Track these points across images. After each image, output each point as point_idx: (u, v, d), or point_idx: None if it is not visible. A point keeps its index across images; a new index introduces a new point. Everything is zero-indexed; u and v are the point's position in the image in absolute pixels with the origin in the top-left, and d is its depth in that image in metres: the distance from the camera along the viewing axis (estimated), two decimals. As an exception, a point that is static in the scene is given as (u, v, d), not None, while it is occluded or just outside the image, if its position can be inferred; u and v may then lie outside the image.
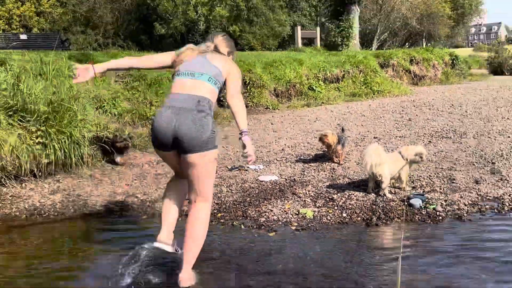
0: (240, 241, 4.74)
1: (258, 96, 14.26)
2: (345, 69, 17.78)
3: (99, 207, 5.89)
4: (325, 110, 13.73)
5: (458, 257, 4.13)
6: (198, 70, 3.93)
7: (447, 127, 9.96)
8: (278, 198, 5.92)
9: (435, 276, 3.77)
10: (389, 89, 18.04)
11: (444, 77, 23.53)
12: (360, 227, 4.98)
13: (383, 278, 3.80)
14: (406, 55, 22.48)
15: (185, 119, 3.65)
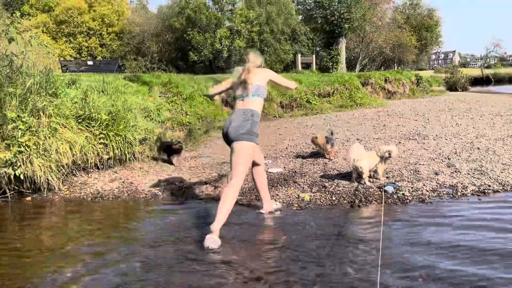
0: (254, 217, 4.74)
1: (268, 107, 14.24)
2: (334, 86, 17.67)
3: (146, 192, 5.91)
4: (319, 118, 13.65)
5: (420, 225, 4.11)
6: (254, 91, 4.40)
7: (413, 131, 9.85)
8: (283, 186, 5.90)
9: (404, 238, 3.75)
10: (369, 102, 17.89)
11: (411, 92, 23.30)
12: (346, 208, 4.95)
13: (364, 243, 3.77)
14: (381, 76, 22.29)
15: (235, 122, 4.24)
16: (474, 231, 4.01)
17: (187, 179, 6.45)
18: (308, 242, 3.93)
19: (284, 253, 3.72)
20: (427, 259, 3.45)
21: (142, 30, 33.99)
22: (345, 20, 25.39)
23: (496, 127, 9.86)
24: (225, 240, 4.01)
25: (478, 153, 7.16)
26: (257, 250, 3.86)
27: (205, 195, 5.65)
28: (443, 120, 11.65)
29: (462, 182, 5.60)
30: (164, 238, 4.15)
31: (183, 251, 3.82)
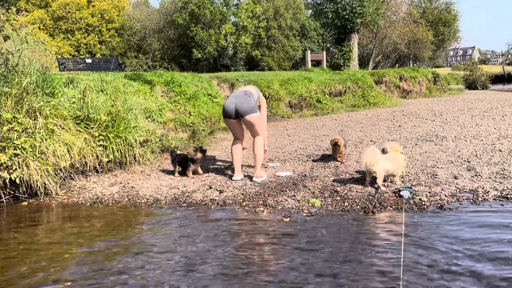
0: (262, 224, 4.72)
1: (276, 107, 14.24)
2: (346, 85, 17.64)
3: (148, 197, 5.91)
4: (330, 119, 13.62)
5: (439, 233, 4.06)
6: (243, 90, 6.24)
7: (430, 132, 9.79)
8: (292, 190, 5.88)
9: (423, 247, 3.71)
10: (383, 101, 17.85)
11: (428, 91, 23.19)
12: (359, 214, 4.91)
13: (379, 255, 3.74)
14: (396, 73, 22.24)
15: (239, 98, 6.04)
16: (497, 239, 3.97)
17: (190, 183, 6.45)
18: (319, 252, 3.90)
19: (294, 262, 3.69)
20: (448, 269, 3.41)
21: (143, 26, 34.15)
22: (357, 14, 25.31)
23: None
24: (232, 248, 4.01)
25: (500, 155, 7.09)
26: (266, 258, 3.84)
27: (210, 200, 5.64)
28: (462, 120, 11.57)
29: (483, 187, 5.54)
30: (166, 246, 4.16)
31: (187, 259, 3.82)
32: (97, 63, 22.71)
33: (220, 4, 34.19)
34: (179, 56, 35.44)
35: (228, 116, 6.16)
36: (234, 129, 6.34)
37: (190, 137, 9.27)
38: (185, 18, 32.30)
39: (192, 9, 31.71)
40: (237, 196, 5.72)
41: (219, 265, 3.70)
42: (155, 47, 34.03)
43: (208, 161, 7.81)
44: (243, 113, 6.00)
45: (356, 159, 7.44)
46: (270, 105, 14.16)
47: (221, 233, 4.53)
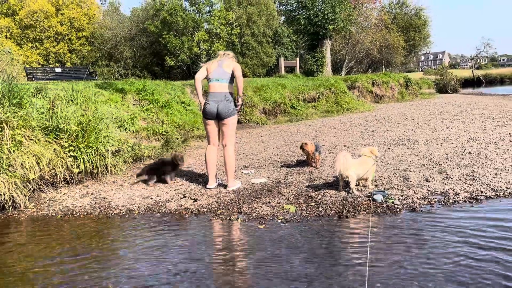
0: (237, 232, 4.72)
1: (250, 114, 14.28)
2: (320, 91, 17.83)
3: (120, 207, 5.84)
4: (305, 125, 13.74)
5: (411, 235, 4.14)
6: (220, 76, 6.18)
7: (403, 136, 9.99)
8: (267, 197, 5.90)
9: (394, 251, 3.78)
10: (356, 106, 18.09)
11: (400, 96, 23.62)
12: (333, 219, 4.97)
13: (353, 259, 3.79)
14: (368, 79, 22.59)
15: (222, 105, 6.11)
16: (468, 241, 4.07)
17: (164, 193, 6.41)
18: (294, 258, 3.93)
19: (269, 268, 3.71)
20: (419, 272, 3.48)
21: (115, 34, 33.78)
22: (329, 21, 25.66)
23: (488, 130, 10.05)
24: (206, 257, 4.00)
25: (469, 158, 7.28)
26: (240, 266, 3.85)
27: (184, 209, 5.61)
28: (433, 124, 11.84)
29: (454, 189, 5.68)
30: (140, 258, 4.12)
31: (161, 270, 3.79)
32: (67, 72, 22.37)
33: (193, 11, 34.12)
34: (152, 64, 35.17)
35: (209, 118, 6.25)
36: (212, 131, 6.36)
37: (163, 145, 9.21)
38: (157, 25, 32.10)
39: (164, 17, 31.54)
40: (211, 205, 5.71)
41: (193, 276, 3.69)
42: (127, 55, 33.69)
43: (182, 170, 7.77)
44: (224, 116, 6.17)
45: (330, 164, 7.53)
46: (244, 112, 14.21)
47: (195, 242, 4.52)
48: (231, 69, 6.25)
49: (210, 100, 6.19)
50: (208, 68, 6.33)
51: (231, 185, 6.41)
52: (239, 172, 7.43)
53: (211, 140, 6.46)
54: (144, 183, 6.91)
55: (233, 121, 6.30)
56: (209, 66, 6.34)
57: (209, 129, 6.40)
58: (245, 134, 12.26)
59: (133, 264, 3.98)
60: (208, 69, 6.32)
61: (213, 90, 6.20)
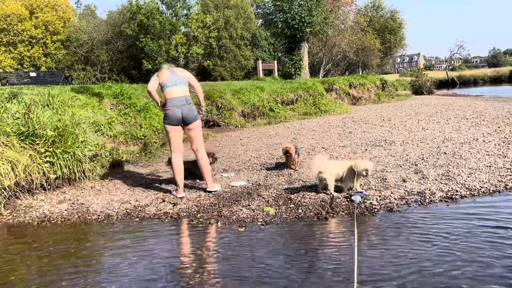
0: (216, 236, 4.72)
1: (229, 117, 14.28)
2: (298, 93, 17.94)
3: (98, 213, 5.77)
4: (283, 127, 13.81)
5: (388, 235, 4.21)
6: (176, 81, 6.05)
7: (380, 137, 10.13)
8: (247, 200, 5.91)
9: (373, 250, 3.84)
10: (334, 108, 18.26)
11: (377, 97, 23.96)
12: (312, 220, 5.01)
13: (332, 258, 3.84)
14: (346, 81, 22.84)
15: (185, 109, 6.00)
16: (443, 239, 4.16)
17: (143, 197, 6.36)
18: (273, 260, 3.96)
19: (249, 271, 3.73)
20: (397, 271, 3.55)
21: (91, 38, 33.39)
22: (306, 24, 25.88)
23: (462, 130, 10.28)
24: (187, 262, 4.00)
25: (445, 158, 7.43)
26: (220, 269, 3.85)
27: (163, 213, 5.59)
28: (410, 125, 12.04)
29: (430, 189, 5.79)
30: (119, 264, 4.09)
31: (140, 276, 3.77)
32: (43, 77, 22.03)
33: (170, 14, 33.97)
34: (129, 68, 34.88)
35: (174, 124, 6.03)
36: (177, 137, 6.15)
37: (141, 150, 9.14)
38: (134, 29, 31.86)
39: (140, 20, 31.32)
40: (191, 209, 5.69)
41: (170, 280, 3.68)
42: (104, 59, 33.33)
43: (161, 174, 7.73)
44: (190, 121, 6.08)
45: (309, 166, 7.59)
46: (223, 115, 14.20)
47: (175, 246, 4.51)
48: (185, 73, 6.25)
49: (172, 106, 5.97)
50: (160, 77, 6.09)
51: (211, 187, 6.39)
52: (218, 175, 7.43)
53: (177, 147, 6.21)
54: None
55: (199, 124, 6.27)
56: (160, 75, 6.10)
57: (174, 136, 6.14)
58: (224, 137, 12.26)
59: (112, 269, 3.94)
60: (160, 78, 6.09)
61: (172, 95, 6.00)
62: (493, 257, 3.68)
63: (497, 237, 4.10)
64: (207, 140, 11.55)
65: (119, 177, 7.59)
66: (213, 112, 13.91)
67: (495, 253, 3.74)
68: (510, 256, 3.67)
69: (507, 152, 7.54)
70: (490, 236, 4.15)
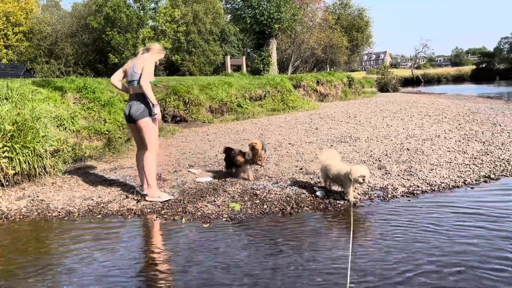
0: (180, 232, 4.67)
1: (196, 113, 14.17)
2: (266, 89, 17.97)
3: (59, 210, 5.61)
4: (251, 123, 13.80)
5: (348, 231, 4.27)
6: (131, 78, 5.65)
7: (345, 133, 10.26)
8: (212, 196, 5.87)
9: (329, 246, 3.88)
10: (301, 105, 18.38)
11: (344, 94, 24.26)
12: (277, 216, 5.02)
13: (296, 253, 3.85)
14: (313, 78, 23.03)
15: (133, 106, 5.62)
16: (404, 234, 4.24)
17: (106, 193, 6.23)
18: (237, 256, 3.94)
19: (213, 267, 3.70)
20: (360, 267, 3.59)
21: (55, 30, 32.51)
22: (275, 20, 25.93)
23: (425, 127, 10.52)
24: (149, 259, 3.94)
25: (407, 154, 7.59)
26: (183, 265, 3.81)
27: (127, 210, 5.49)
28: (374, 121, 12.24)
29: (393, 184, 5.90)
30: (80, 262, 3.98)
31: (100, 274, 3.69)
32: (3, 69, 21.31)
33: (137, 7, 33.41)
34: (95, 61, 34.17)
35: (127, 120, 5.89)
36: (134, 134, 6.03)
37: (105, 145, 8.95)
38: (100, 21, 31.19)
39: (107, 13, 30.67)
40: (155, 205, 5.61)
41: (135, 278, 3.62)
42: (68, 52, 32.52)
43: (126, 170, 7.60)
44: (134, 118, 5.65)
45: (275, 162, 7.61)
46: (190, 111, 14.08)
47: (138, 243, 4.44)
48: (141, 68, 5.62)
49: (127, 104, 5.83)
50: (126, 66, 5.85)
51: (150, 195, 5.83)
52: (184, 171, 7.36)
53: (136, 144, 6.13)
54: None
55: (144, 124, 5.65)
56: (126, 67, 5.83)
57: (132, 132, 6.11)
58: (191, 132, 12.15)
59: (73, 268, 3.84)
60: (125, 67, 5.85)
61: (130, 91, 5.77)
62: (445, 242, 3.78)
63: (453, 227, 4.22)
64: (173, 135, 11.42)
65: (82, 173, 7.41)
66: (180, 107, 13.78)
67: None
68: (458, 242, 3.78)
69: (466, 149, 7.76)
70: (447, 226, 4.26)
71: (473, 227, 4.30)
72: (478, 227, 4.28)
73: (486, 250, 3.76)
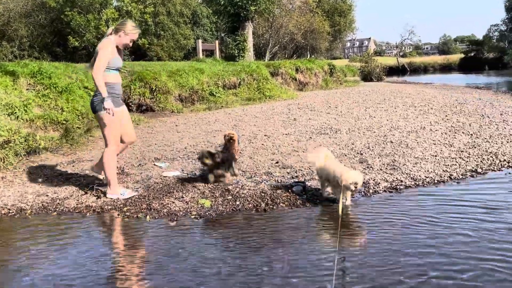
0: (144, 231, 4.62)
1: (164, 101, 14.03)
2: (241, 77, 17.91)
3: (9, 207, 5.47)
4: (224, 113, 13.75)
5: (325, 229, 4.29)
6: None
7: (325, 125, 10.31)
8: (180, 191, 5.82)
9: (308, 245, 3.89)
10: (279, 94, 18.40)
11: (324, 83, 24.39)
12: (251, 213, 5.01)
13: (270, 253, 3.85)
14: (292, 65, 23.08)
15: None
16: (385, 232, 4.29)
17: (62, 189, 6.10)
18: (206, 257, 3.91)
19: (179, 269, 3.66)
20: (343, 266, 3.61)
21: (7, 9, 31.68)
22: (251, 1, 25.81)
23: (410, 119, 10.67)
24: (109, 261, 3.88)
25: (391, 147, 7.67)
26: (145, 266, 3.76)
27: (85, 207, 5.39)
28: (356, 112, 12.35)
29: (374, 179, 5.96)
30: (32, 264, 3.89)
31: (52, 277, 3.61)
32: None
33: (100, -15, 32.87)
34: (52, 45, 33.53)
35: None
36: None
37: (62, 136, 8.77)
38: (58, 1, 30.57)
39: (66, -10, 30.13)
40: (117, 201, 5.53)
41: (90, 280, 3.55)
42: (23, 34, 31.77)
43: (85, 163, 7.47)
44: (93, 110, 5.58)
45: (250, 155, 7.59)
46: (158, 99, 13.93)
47: (96, 243, 4.36)
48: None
49: None
50: None
51: (110, 193, 5.69)
52: (150, 164, 7.27)
53: None
54: None
55: (99, 117, 5.51)
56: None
57: None
58: (158, 123, 12.04)
59: (23, 269, 3.75)
60: None
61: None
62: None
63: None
64: (138, 125, 11.28)
65: (36, 167, 7.25)
66: (146, 96, 13.62)
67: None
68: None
69: (453, 141, 7.89)
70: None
71: (464, 221, 4.38)
72: (468, 220, 4.36)
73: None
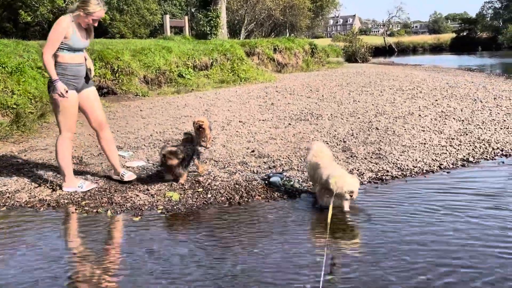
0: (104, 227, 4.57)
1: (127, 84, 13.87)
2: (213, 57, 17.82)
3: (-48, 201, 5.35)
4: (195, 97, 13.67)
5: (305, 223, 4.31)
6: None
7: (305, 110, 10.34)
8: (145, 183, 5.77)
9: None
10: (255, 76, 18.38)
11: (305, 65, 24.44)
12: (223, 207, 5.00)
13: (242, 249, 3.87)
14: (270, 44, 23.04)
15: None
16: (372, 225, 4.33)
17: (13, 181, 5.99)
18: (173, 252, 3.89)
19: (143, 268, 3.63)
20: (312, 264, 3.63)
21: None
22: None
23: (397, 103, 10.77)
24: (65, 260, 3.83)
25: (376, 134, 7.74)
26: (105, 266, 3.72)
27: (38, 201, 5.30)
28: (340, 96, 12.41)
29: (358, 169, 6.01)
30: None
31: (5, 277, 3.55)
32: None
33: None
34: (1, 20, 32.74)
35: None
36: None
37: (13, 121, 8.61)
38: (8, -31, 29.86)
39: (16, -42, 29.40)
40: (74, 194, 5.45)
41: (44, 282, 3.50)
42: (-34, 7, 31.00)
43: (38, 152, 7.34)
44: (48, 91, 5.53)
45: (222, 143, 7.57)
46: (120, 81, 13.76)
47: (50, 242, 4.29)
48: None
49: None
50: None
51: (66, 186, 5.66)
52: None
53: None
54: None
55: (52, 100, 5.46)
56: None
57: None
58: (120, 107, 11.90)
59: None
60: None
61: None
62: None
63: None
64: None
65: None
66: (107, 77, 13.43)
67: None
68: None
69: (443, 128, 8.00)
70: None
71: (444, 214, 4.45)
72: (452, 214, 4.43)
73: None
